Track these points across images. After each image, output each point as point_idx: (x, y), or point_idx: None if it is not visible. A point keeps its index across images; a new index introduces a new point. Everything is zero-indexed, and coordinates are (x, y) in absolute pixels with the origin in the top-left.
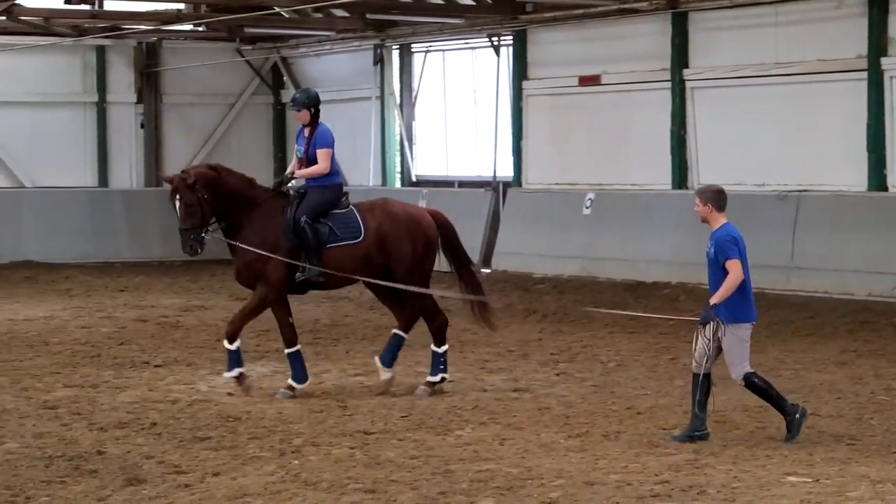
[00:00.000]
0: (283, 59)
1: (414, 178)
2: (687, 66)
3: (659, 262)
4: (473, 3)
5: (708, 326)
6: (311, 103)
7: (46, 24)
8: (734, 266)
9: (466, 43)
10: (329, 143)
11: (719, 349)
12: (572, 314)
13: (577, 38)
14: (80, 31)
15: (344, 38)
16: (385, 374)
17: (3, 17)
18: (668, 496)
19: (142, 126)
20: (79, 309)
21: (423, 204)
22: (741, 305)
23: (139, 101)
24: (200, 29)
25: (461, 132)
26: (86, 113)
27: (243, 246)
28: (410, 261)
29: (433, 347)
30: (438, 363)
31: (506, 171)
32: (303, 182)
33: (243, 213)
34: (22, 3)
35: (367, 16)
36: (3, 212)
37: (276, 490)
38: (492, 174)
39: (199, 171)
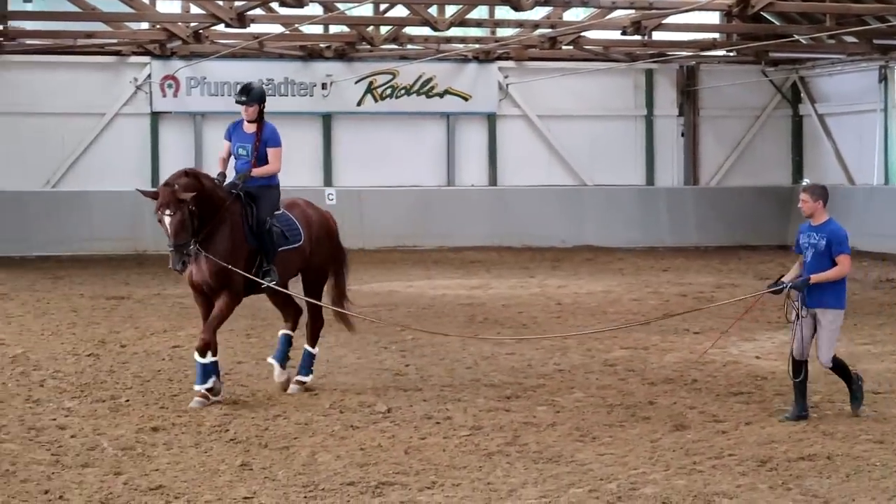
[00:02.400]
0: (801, 79)
1: None
2: None
3: None
4: None
5: (802, 309)
6: (262, 100)
7: (605, 52)
8: (846, 261)
9: None
10: (280, 142)
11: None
12: None
13: None
14: (632, 58)
15: (853, 60)
16: (281, 376)
17: (571, 47)
18: None
19: (682, 135)
20: (630, 285)
21: None
22: (842, 295)
23: (680, 115)
24: (732, 54)
25: None
26: (636, 124)
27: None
28: (325, 261)
29: (307, 347)
30: (309, 363)
31: None
32: (231, 179)
33: (215, 219)
34: (586, 35)
35: (874, 41)
36: (568, 205)
37: (798, 438)
38: None
39: (184, 181)
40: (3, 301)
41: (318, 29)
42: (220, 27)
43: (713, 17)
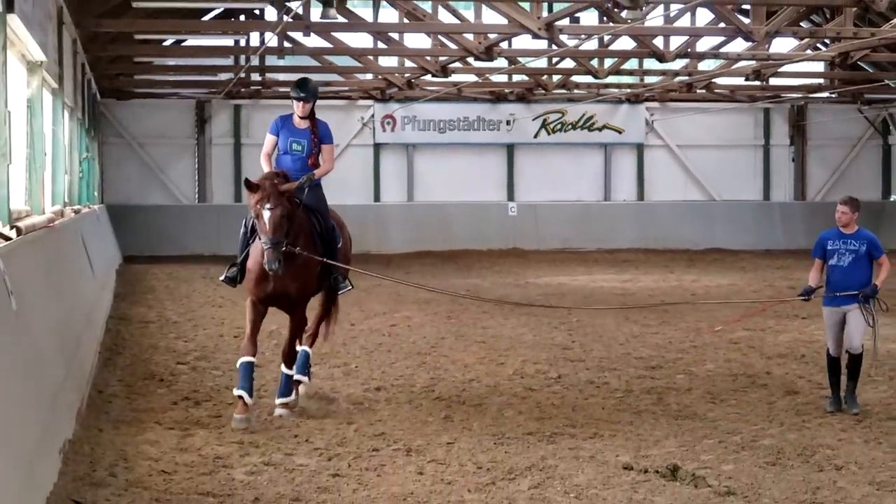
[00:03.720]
0: (890, 115)
1: None
2: None
3: None
4: None
5: (870, 304)
6: (317, 97)
7: (731, 94)
8: (888, 260)
9: None
10: (333, 139)
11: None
12: None
13: None
14: (753, 99)
15: None
16: (309, 390)
17: (704, 90)
18: None
19: (793, 160)
20: (750, 279)
21: None
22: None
23: (791, 144)
24: (834, 96)
25: None
26: (755, 152)
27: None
28: (348, 262)
29: (305, 348)
30: (305, 363)
31: None
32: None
33: (292, 225)
34: (716, 81)
35: None
36: (700, 216)
37: (888, 402)
38: None
39: (281, 178)
40: None
41: (503, 78)
42: (428, 77)
43: (819, 66)
